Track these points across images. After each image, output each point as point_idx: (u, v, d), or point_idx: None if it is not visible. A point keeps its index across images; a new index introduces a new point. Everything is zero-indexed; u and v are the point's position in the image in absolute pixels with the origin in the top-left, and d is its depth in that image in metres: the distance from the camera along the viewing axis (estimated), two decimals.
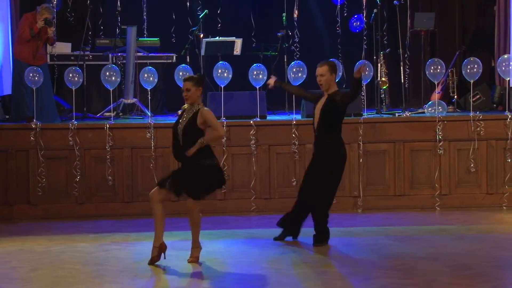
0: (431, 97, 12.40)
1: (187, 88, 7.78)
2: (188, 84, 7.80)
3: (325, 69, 8.46)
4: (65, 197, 10.69)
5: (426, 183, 10.93)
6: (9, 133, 10.71)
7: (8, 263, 8.25)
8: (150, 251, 7.90)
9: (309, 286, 7.10)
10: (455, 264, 7.76)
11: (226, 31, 13.44)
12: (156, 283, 7.38)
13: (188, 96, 7.79)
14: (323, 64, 8.53)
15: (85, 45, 12.65)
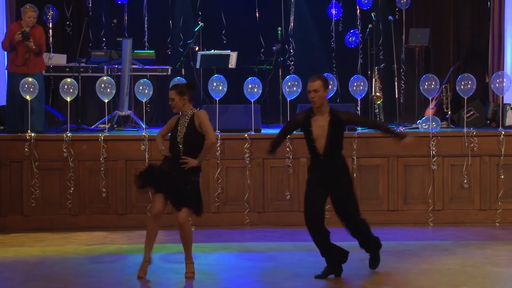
0: (425, 112, 12.45)
1: (171, 97, 7.79)
2: (172, 93, 7.80)
3: (319, 84, 7.72)
4: (58, 208, 10.68)
5: (419, 198, 10.96)
6: (3, 144, 10.71)
7: (1, 274, 8.24)
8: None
9: None
10: (448, 280, 7.77)
11: (221, 44, 13.48)
12: None
13: (173, 105, 7.80)
14: (315, 79, 7.80)
15: (81, 56, 12.66)
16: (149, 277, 7.76)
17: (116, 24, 12.91)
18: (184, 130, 7.72)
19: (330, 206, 10.78)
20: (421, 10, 14.16)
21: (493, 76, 11.62)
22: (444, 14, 14.40)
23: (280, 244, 9.70)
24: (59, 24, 13.22)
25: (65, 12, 13.28)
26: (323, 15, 13.73)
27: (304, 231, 10.40)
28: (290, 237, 10.06)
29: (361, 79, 11.27)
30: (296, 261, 8.69)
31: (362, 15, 13.50)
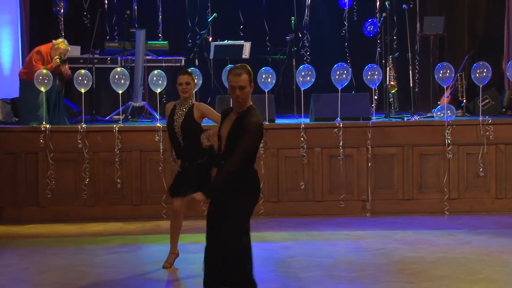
0: (440, 101, 12.41)
1: (187, 81, 7.72)
2: (189, 78, 7.75)
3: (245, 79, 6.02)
4: (74, 199, 10.73)
5: (434, 187, 10.94)
6: (19, 136, 10.76)
7: (18, 265, 8.29)
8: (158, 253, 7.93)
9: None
10: (464, 269, 7.76)
11: (235, 35, 13.47)
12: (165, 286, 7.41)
13: (188, 89, 7.73)
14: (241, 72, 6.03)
15: (95, 48, 12.69)
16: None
17: (130, 15, 12.94)
18: (181, 120, 7.68)
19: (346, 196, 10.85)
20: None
21: (509, 63, 11.57)
22: (458, 1, 14.34)
23: (294, 234, 9.71)
24: (73, 15, 13.25)
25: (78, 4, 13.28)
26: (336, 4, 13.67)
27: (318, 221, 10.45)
28: (304, 227, 10.08)
29: (375, 68, 11.24)
30: (311, 251, 8.70)
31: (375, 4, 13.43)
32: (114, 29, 13.52)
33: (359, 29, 13.26)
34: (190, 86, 7.73)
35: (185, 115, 7.69)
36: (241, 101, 5.97)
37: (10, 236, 9.78)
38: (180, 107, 7.76)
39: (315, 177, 10.84)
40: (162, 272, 7.71)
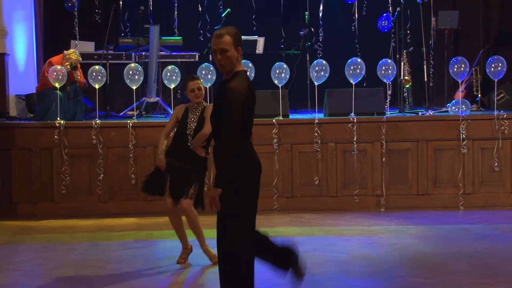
0: (454, 95, 12.36)
1: (199, 87, 7.78)
2: (199, 82, 7.82)
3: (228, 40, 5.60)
4: (88, 195, 10.74)
5: (449, 182, 10.89)
6: (33, 132, 10.79)
7: (32, 260, 8.32)
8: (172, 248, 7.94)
9: (331, 285, 7.11)
10: (479, 264, 7.73)
11: (249, 30, 13.46)
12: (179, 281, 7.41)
13: (200, 94, 7.78)
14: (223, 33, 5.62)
15: (109, 44, 12.70)
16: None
17: (144, 11, 12.94)
18: (195, 124, 7.73)
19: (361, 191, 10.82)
20: None
21: None
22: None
23: (309, 229, 9.69)
24: (87, 11, 13.26)
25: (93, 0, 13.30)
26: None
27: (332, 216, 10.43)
28: (319, 222, 10.06)
29: (389, 63, 11.20)
30: (325, 246, 8.68)
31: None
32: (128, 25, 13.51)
33: (373, 24, 13.21)
34: (201, 91, 7.80)
35: (199, 119, 7.76)
36: (223, 66, 5.50)
37: (25, 232, 9.81)
38: (193, 112, 7.81)
39: (329, 172, 10.82)
40: (177, 268, 7.72)
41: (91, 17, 13.37)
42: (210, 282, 7.33)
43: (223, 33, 5.48)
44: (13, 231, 9.82)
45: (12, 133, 10.78)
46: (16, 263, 8.18)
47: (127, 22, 13.49)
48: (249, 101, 5.50)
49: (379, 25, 13.04)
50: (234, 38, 5.51)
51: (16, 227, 10.08)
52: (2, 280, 7.56)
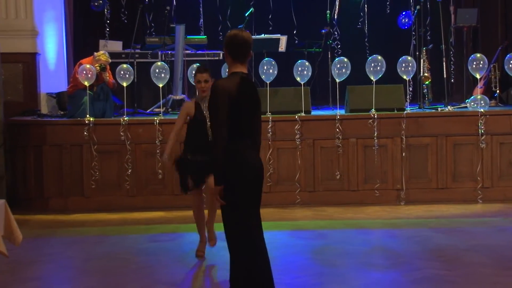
0: (473, 91, 12.28)
1: (206, 79, 7.60)
2: (207, 76, 7.64)
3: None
4: (117, 190, 10.80)
5: (468, 176, 10.84)
6: (64, 129, 10.85)
7: (63, 253, 8.38)
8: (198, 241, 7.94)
9: (353, 277, 7.11)
10: (497, 256, 7.70)
11: (272, 29, 13.45)
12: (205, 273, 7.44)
13: (206, 88, 7.54)
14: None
15: (136, 43, 12.75)
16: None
17: (169, 11, 12.98)
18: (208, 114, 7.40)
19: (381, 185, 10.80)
20: None
21: None
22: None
23: (330, 222, 9.70)
24: (115, 12, 13.31)
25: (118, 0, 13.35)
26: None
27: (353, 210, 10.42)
28: (340, 216, 10.06)
29: (409, 60, 11.15)
30: (347, 239, 8.69)
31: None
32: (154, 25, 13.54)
33: (393, 22, 13.16)
34: (208, 84, 7.57)
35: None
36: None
37: (56, 225, 9.88)
38: (203, 104, 7.62)
39: (350, 167, 10.81)
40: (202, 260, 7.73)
41: (118, 17, 13.41)
42: None
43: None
44: (45, 225, 9.90)
45: (43, 130, 10.86)
46: (49, 255, 8.26)
47: (153, 22, 13.52)
48: (239, 100, 5.39)
49: (399, 22, 12.99)
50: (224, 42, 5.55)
51: (48, 221, 10.16)
52: (36, 272, 7.64)
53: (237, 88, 5.39)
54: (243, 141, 5.45)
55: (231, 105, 5.34)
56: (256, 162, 5.51)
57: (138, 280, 7.14)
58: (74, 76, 11.05)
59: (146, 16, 13.43)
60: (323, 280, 7.02)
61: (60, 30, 12.38)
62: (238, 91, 5.39)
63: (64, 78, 12.28)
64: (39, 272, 7.64)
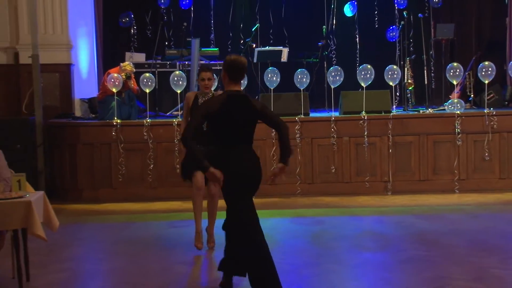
0: (451, 96, 12.25)
1: (209, 77, 7.45)
2: (209, 74, 7.49)
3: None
4: (140, 182, 10.79)
5: (446, 170, 10.82)
6: (95, 129, 10.86)
7: (94, 237, 8.41)
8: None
9: (347, 257, 7.11)
10: (472, 239, 7.69)
11: (275, 42, 13.44)
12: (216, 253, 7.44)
13: (209, 85, 7.43)
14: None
15: (157, 55, 12.76)
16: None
17: (186, 26, 12.99)
18: None
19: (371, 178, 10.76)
20: (446, 8, 13.89)
21: (510, 63, 11.41)
22: (467, 11, 14.14)
23: (327, 210, 9.69)
24: (139, 27, 13.33)
25: (142, 17, 13.36)
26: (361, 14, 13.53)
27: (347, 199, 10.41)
28: (335, 204, 10.05)
29: (394, 69, 11.13)
30: (341, 224, 8.68)
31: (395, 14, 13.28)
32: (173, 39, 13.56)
33: (382, 35, 13.14)
34: (211, 82, 7.47)
35: None
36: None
37: (88, 213, 9.91)
38: (203, 98, 7.43)
39: (343, 162, 10.79)
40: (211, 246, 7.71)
41: (142, 32, 13.42)
42: None
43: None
44: (78, 213, 9.92)
45: (77, 131, 10.87)
46: (81, 239, 8.28)
47: (173, 36, 13.53)
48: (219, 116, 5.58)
49: (388, 36, 12.97)
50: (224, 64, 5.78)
51: (80, 209, 10.19)
52: (71, 253, 7.66)
53: (219, 107, 5.57)
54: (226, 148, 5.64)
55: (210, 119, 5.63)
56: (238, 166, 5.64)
57: (159, 260, 7.15)
58: (103, 84, 11.05)
59: (166, 31, 13.45)
60: (320, 260, 7.02)
61: (92, 44, 12.38)
62: (220, 109, 5.57)
63: (94, 86, 12.29)
64: (73, 254, 7.66)
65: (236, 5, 13.91)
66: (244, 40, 13.34)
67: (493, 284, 6.10)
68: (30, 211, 6.10)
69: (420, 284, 6.12)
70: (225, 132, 5.63)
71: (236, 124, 5.64)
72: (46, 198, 6.62)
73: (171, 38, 13.50)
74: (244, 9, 13.94)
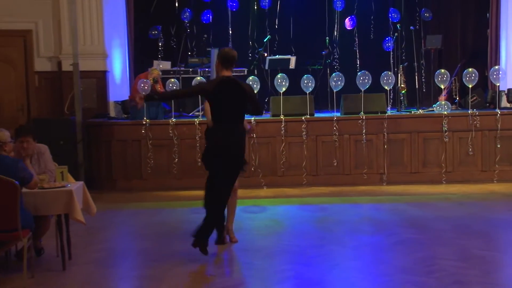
0: (439, 98, 12.20)
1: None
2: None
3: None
4: (167, 174, 10.82)
5: (435, 163, 10.78)
6: (127, 128, 10.89)
7: (127, 221, 8.44)
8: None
9: (347, 240, 7.11)
10: (457, 224, 7.67)
11: (284, 51, 13.43)
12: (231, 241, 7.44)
13: None
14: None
15: (181, 62, 12.78)
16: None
17: (207, 38, 13.00)
18: None
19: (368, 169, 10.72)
20: (435, 21, 13.82)
21: (491, 70, 11.34)
22: (452, 23, 14.06)
23: (329, 199, 9.68)
24: (166, 39, 13.35)
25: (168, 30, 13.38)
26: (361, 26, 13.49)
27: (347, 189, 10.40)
28: (337, 194, 10.04)
29: (389, 75, 11.10)
30: (342, 211, 8.67)
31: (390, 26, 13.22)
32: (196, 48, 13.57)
33: (378, 45, 13.10)
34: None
35: None
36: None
37: (122, 201, 9.94)
38: None
39: (344, 156, 10.78)
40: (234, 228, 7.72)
41: (168, 43, 13.45)
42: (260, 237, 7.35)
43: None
44: (113, 200, 9.96)
45: (112, 129, 10.91)
46: (115, 223, 8.32)
47: (195, 47, 13.54)
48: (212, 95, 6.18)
49: (384, 46, 12.93)
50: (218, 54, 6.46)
51: (115, 197, 10.22)
52: (107, 235, 7.70)
53: (213, 87, 6.20)
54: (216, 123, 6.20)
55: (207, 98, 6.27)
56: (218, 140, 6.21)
57: (184, 242, 7.17)
58: (134, 87, 11.09)
59: (189, 42, 13.47)
60: (324, 242, 7.02)
61: (124, 53, 12.42)
62: (214, 89, 6.18)
63: (126, 90, 12.32)
64: (109, 236, 7.69)
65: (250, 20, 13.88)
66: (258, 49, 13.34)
67: (476, 263, 6.08)
68: (71, 198, 6.14)
69: (412, 263, 6.11)
70: (216, 109, 6.14)
71: (226, 102, 6.17)
72: (85, 187, 6.67)
73: (193, 48, 13.51)
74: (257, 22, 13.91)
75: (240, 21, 13.83)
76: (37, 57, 11.81)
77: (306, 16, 13.97)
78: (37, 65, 11.80)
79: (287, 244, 6.91)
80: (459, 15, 14.02)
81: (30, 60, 11.78)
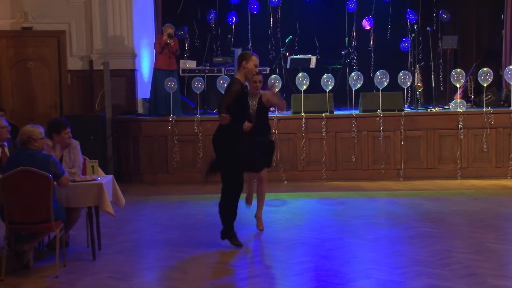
0: (454, 97, 12.06)
1: (261, 80, 7.23)
2: (261, 77, 7.24)
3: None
4: (192, 168, 10.84)
5: (450, 159, 10.67)
6: (154, 124, 10.94)
7: (154, 214, 8.47)
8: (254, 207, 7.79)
9: (365, 232, 7.06)
10: (472, 218, 7.58)
11: (305, 50, 13.36)
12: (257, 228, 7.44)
13: (259, 87, 7.19)
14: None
15: (206, 61, 12.78)
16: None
17: (230, 38, 12.99)
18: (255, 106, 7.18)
19: (386, 165, 10.63)
20: (451, 22, 13.64)
21: (505, 69, 11.19)
22: (468, 24, 13.87)
23: (348, 193, 9.63)
24: (192, 39, 13.36)
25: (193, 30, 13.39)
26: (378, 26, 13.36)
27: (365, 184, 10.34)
28: (355, 188, 9.99)
29: (406, 74, 11.00)
30: (360, 205, 8.62)
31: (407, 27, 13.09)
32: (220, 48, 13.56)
33: (395, 45, 12.98)
34: (261, 84, 7.26)
35: (258, 104, 7.22)
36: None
37: (149, 194, 9.98)
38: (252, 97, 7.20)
39: (362, 152, 10.71)
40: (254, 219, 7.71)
41: (194, 43, 13.46)
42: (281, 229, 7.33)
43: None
44: (140, 193, 10.00)
45: (139, 125, 10.96)
46: (142, 215, 8.35)
47: (219, 47, 13.53)
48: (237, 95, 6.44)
49: (401, 46, 12.80)
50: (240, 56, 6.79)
51: (142, 190, 10.27)
52: (135, 226, 7.74)
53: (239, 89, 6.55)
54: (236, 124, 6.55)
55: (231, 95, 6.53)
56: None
57: (208, 233, 7.19)
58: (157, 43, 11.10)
59: (214, 42, 13.46)
60: (343, 235, 6.99)
61: (152, 53, 12.45)
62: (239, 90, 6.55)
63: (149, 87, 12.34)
64: (137, 227, 7.73)
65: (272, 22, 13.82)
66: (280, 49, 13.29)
67: (489, 256, 6.01)
68: (101, 191, 6.17)
69: (428, 256, 6.05)
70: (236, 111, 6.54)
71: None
72: (115, 180, 6.69)
73: (218, 48, 13.51)
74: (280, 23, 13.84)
75: (261, 23, 13.76)
76: (70, 56, 11.89)
77: (327, 18, 13.87)
78: (69, 64, 11.89)
79: (307, 237, 6.88)
80: (475, 16, 13.83)
81: (63, 59, 11.87)
